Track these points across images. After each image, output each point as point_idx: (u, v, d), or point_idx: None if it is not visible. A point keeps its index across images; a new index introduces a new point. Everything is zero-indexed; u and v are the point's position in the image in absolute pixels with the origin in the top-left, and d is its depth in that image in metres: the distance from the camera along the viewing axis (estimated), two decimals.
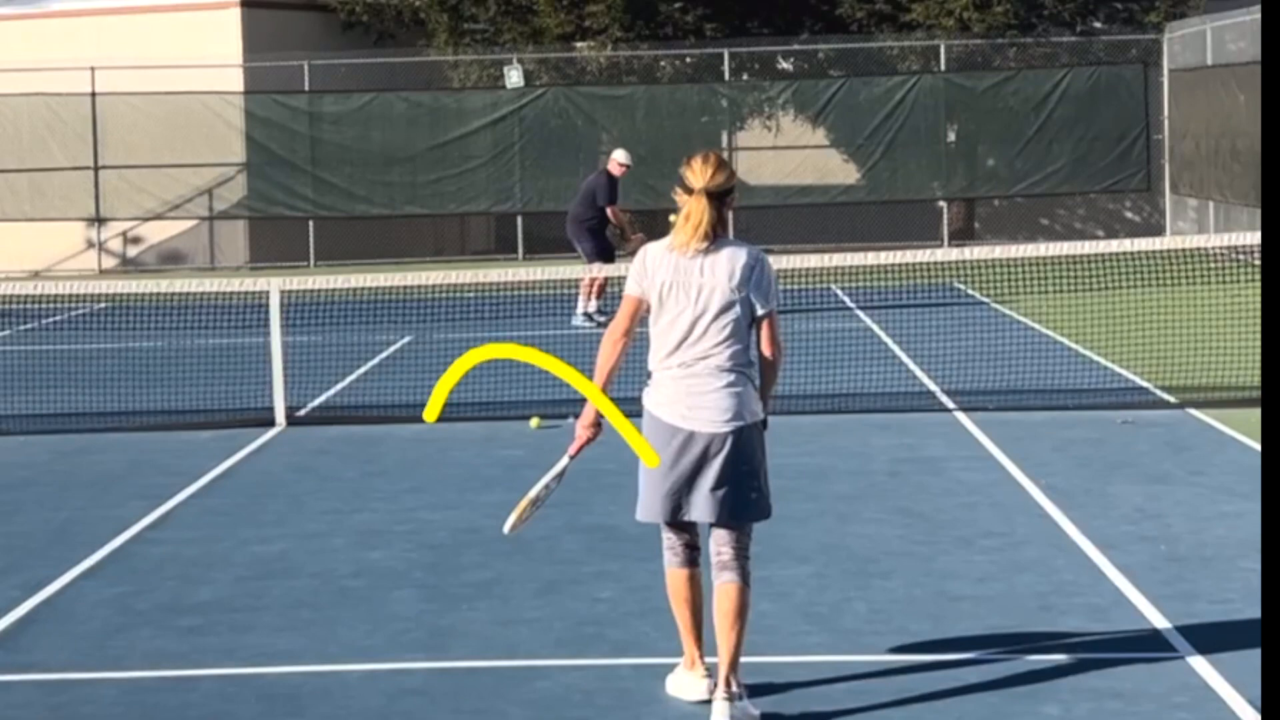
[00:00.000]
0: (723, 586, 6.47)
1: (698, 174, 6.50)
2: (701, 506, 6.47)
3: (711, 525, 6.54)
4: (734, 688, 6.43)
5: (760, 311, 6.49)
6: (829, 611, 7.90)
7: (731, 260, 6.47)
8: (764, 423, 6.56)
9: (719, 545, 6.52)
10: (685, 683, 6.71)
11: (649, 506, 6.57)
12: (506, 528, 6.86)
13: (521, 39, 31.32)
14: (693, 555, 6.65)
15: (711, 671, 6.61)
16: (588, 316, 19.56)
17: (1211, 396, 13.43)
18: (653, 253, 6.55)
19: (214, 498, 10.88)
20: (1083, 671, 6.96)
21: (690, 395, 6.43)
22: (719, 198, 6.47)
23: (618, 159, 20.14)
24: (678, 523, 6.57)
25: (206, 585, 8.64)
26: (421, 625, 7.84)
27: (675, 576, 6.65)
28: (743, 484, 6.47)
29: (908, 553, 8.97)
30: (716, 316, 6.43)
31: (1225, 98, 25.40)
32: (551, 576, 8.61)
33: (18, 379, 16.26)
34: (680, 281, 6.46)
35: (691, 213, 6.45)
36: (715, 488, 6.43)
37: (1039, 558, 8.80)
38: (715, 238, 6.49)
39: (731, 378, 6.44)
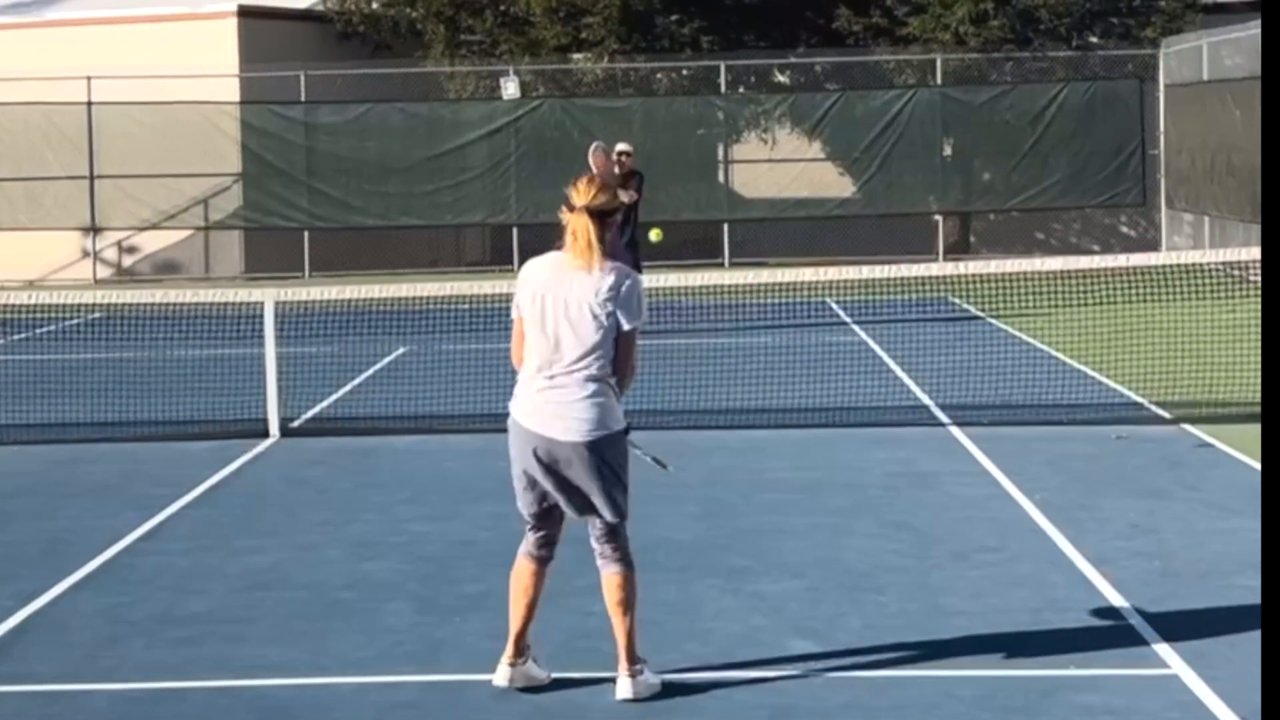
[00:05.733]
0: (609, 576, 6.93)
1: (581, 193, 6.86)
2: (574, 508, 6.92)
3: (590, 526, 6.95)
4: (634, 665, 6.89)
5: (625, 328, 6.82)
6: (823, 626, 7.89)
7: (602, 277, 6.79)
8: (625, 430, 6.89)
9: (599, 545, 6.96)
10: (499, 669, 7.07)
11: (521, 503, 7.00)
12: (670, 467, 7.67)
13: (518, 50, 31.33)
14: (545, 554, 7.05)
15: (514, 663, 7.02)
16: None
17: (1207, 412, 13.43)
18: (532, 264, 6.96)
19: (207, 509, 10.87)
20: (1076, 687, 6.96)
21: (556, 405, 6.80)
22: (600, 216, 6.81)
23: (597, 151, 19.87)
24: (540, 522, 6.98)
25: (199, 596, 8.63)
26: (415, 638, 7.83)
27: (522, 568, 7.06)
28: (610, 487, 6.83)
29: (902, 567, 8.97)
30: (584, 330, 6.77)
31: (1221, 113, 25.42)
32: (544, 590, 8.58)
33: (12, 389, 16.24)
34: (552, 293, 6.81)
35: (577, 230, 6.82)
36: (585, 493, 6.85)
37: (1033, 573, 8.79)
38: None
39: (594, 388, 6.80)
